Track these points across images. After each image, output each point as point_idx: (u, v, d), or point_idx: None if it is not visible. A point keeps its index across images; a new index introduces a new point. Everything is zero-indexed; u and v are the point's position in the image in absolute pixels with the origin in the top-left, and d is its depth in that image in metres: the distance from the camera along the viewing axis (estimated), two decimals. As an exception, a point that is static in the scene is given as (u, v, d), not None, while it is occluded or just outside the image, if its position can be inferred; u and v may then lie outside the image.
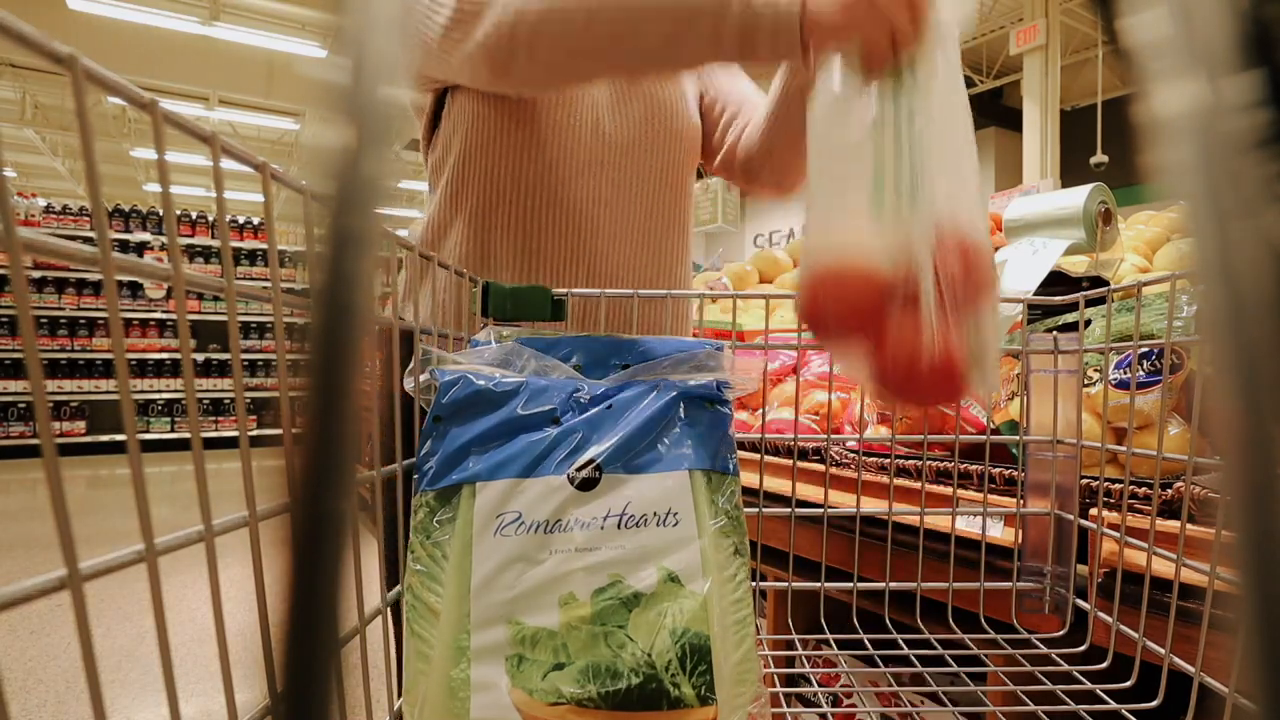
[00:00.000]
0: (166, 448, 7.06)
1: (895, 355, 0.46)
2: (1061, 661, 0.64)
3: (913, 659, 0.68)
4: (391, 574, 0.52)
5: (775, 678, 0.67)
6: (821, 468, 0.99)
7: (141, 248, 7.24)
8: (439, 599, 0.44)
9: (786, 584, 0.71)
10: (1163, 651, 0.57)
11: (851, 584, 0.71)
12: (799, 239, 2.99)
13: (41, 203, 7.21)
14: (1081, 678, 0.62)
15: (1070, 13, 8.18)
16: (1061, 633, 0.69)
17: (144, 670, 2.44)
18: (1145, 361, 0.75)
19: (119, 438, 7.12)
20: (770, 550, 0.99)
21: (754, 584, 0.57)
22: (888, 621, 0.72)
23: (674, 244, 1.00)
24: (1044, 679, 0.61)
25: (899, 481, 0.88)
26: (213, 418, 7.41)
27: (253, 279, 6.73)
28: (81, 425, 7.03)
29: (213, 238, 7.59)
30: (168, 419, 7.29)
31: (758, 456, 0.71)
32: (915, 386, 0.46)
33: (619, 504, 0.46)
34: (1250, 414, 0.14)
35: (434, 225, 0.94)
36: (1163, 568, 0.59)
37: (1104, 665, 0.63)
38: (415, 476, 0.48)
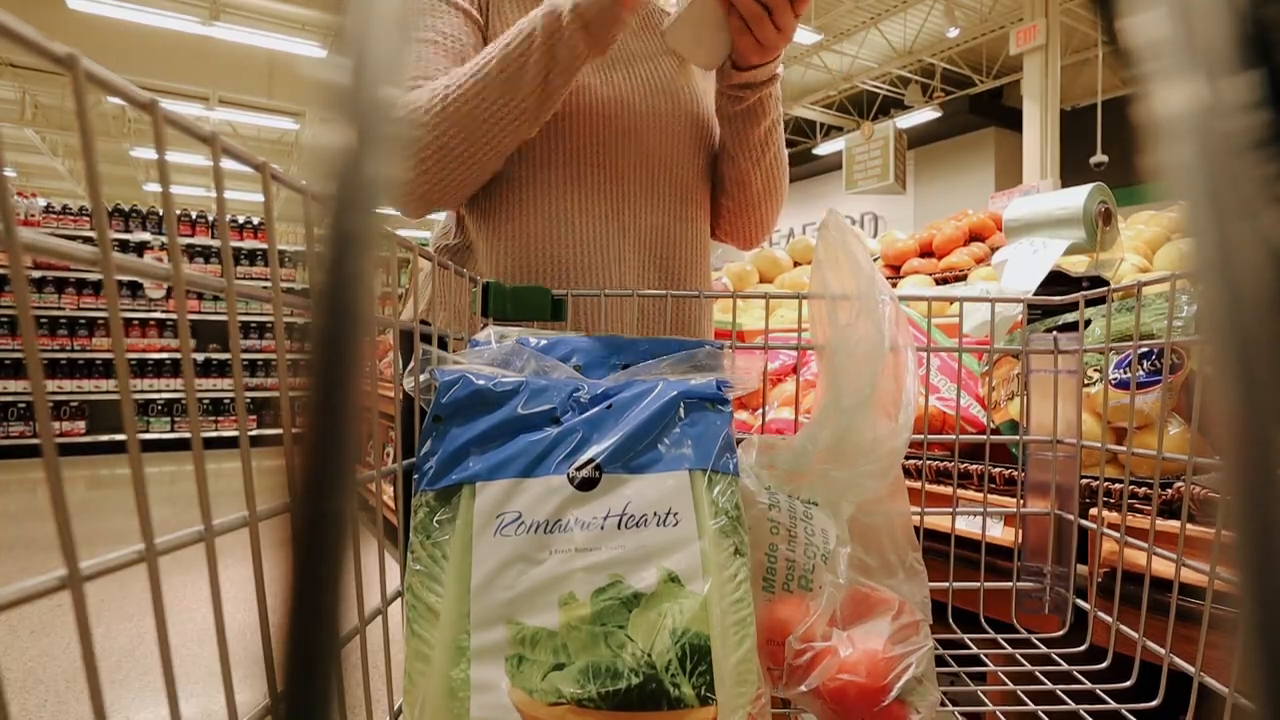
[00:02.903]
0: (166, 448, 7.06)
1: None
2: (1061, 661, 0.64)
3: (913, 659, 0.67)
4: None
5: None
6: (821, 468, 0.98)
7: (141, 248, 7.25)
8: (439, 599, 0.44)
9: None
10: (1163, 651, 0.57)
11: (851, 584, 0.71)
12: (799, 238, 2.99)
13: (41, 203, 7.21)
14: (1081, 677, 0.62)
15: (1070, 13, 8.19)
16: (1061, 633, 0.69)
17: (144, 670, 2.44)
18: (1145, 361, 0.75)
19: (119, 438, 7.12)
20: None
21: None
22: (888, 621, 0.71)
23: (694, 253, 1.00)
24: (1044, 679, 0.61)
25: (899, 481, 0.87)
26: (213, 418, 7.41)
27: (253, 279, 6.74)
28: (81, 425, 7.03)
29: (213, 238, 7.59)
30: (168, 419, 7.29)
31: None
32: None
33: (619, 504, 0.46)
34: (1250, 414, 0.14)
35: (451, 232, 0.93)
36: (1163, 568, 0.59)
37: (1104, 665, 0.63)
38: (415, 476, 0.48)
